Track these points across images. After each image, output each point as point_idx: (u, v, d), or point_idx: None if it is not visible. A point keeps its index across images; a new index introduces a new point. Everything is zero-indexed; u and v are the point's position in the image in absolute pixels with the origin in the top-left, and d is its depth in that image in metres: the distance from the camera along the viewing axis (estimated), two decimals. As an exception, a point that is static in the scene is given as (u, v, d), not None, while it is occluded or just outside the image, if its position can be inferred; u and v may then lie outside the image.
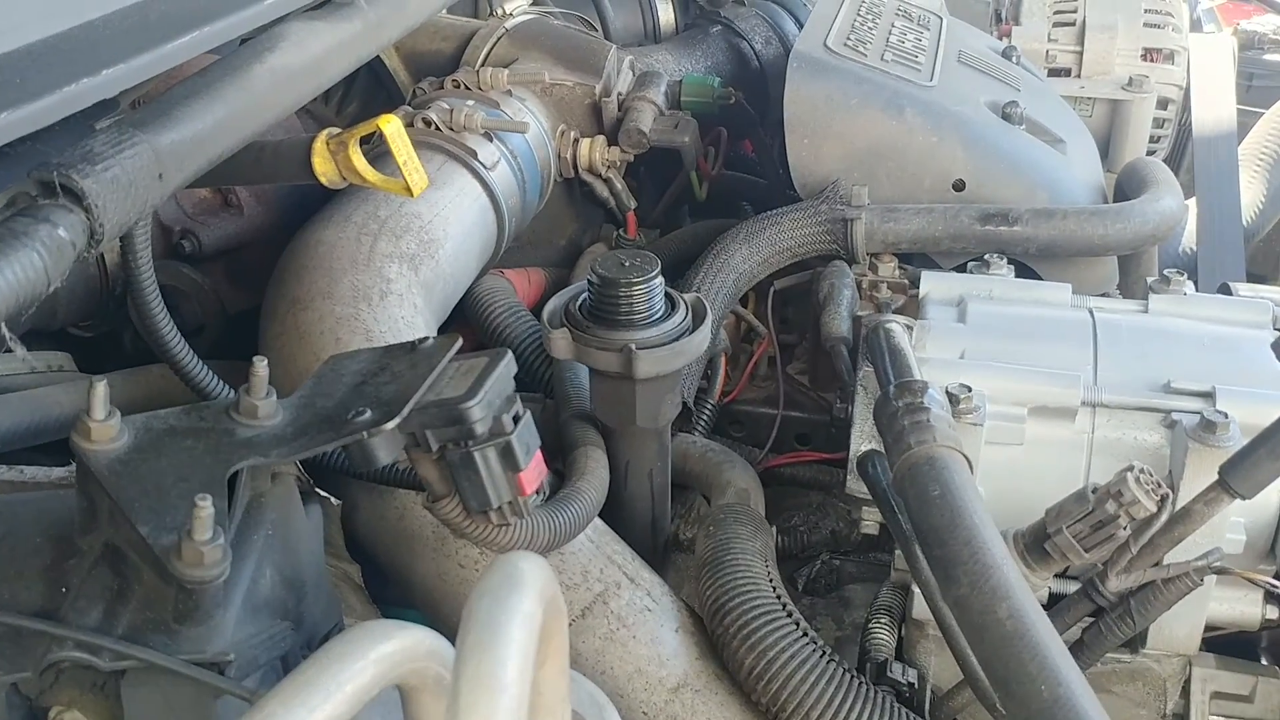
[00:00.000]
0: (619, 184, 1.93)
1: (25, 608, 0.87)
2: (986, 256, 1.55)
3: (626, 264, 1.22)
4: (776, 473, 1.68)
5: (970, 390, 1.22)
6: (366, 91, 2.05)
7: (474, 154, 1.64)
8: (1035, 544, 1.09)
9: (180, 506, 0.85)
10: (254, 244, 1.72)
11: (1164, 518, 1.07)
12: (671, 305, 1.24)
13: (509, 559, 0.73)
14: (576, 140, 1.90)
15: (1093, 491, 1.08)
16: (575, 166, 1.90)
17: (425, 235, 1.49)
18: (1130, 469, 1.07)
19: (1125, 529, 1.07)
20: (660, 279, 1.22)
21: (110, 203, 0.89)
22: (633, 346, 1.18)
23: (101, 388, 0.88)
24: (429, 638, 0.78)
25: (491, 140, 1.69)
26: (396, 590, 1.27)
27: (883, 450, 1.27)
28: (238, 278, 1.72)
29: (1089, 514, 1.07)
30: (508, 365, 1.04)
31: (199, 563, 0.80)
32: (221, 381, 1.21)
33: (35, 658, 0.83)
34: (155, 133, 0.97)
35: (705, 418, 1.64)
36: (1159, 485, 1.07)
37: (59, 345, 1.52)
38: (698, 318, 1.24)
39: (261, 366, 0.95)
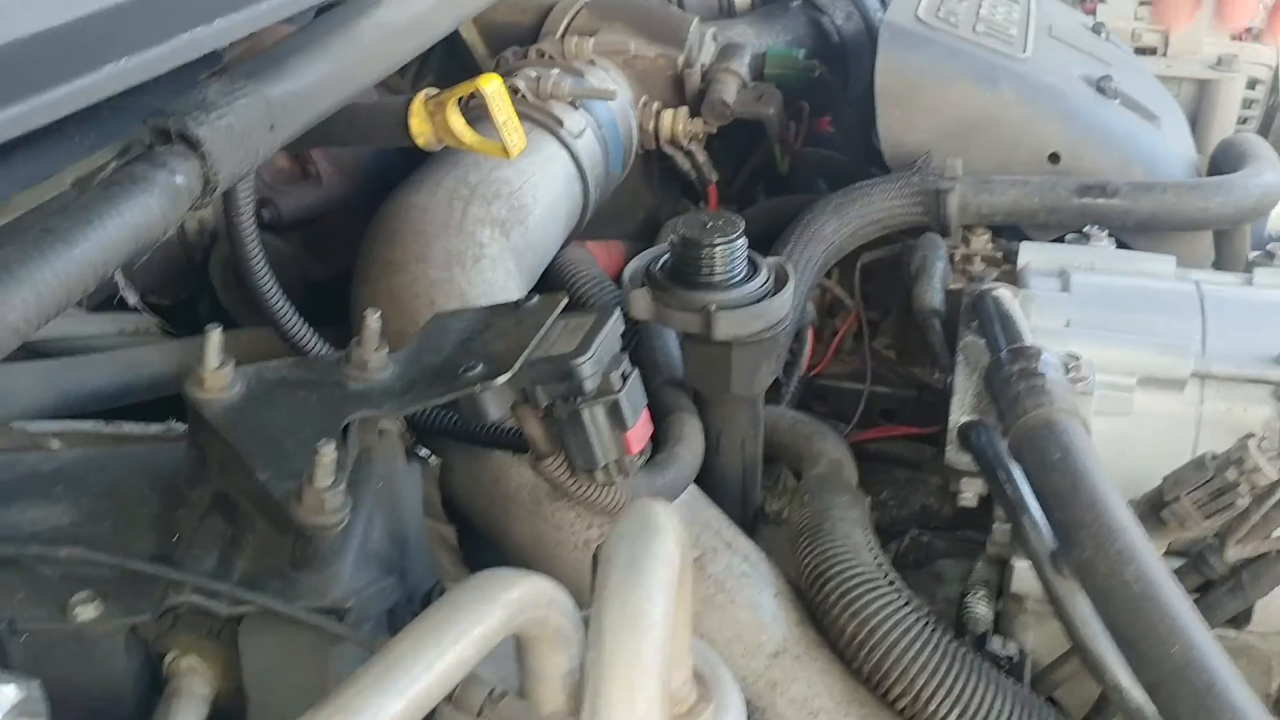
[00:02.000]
0: (701, 156, 1.91)
1: (140, 556, 0.87)
2: (1086, 229, 1.51)
3: (709, 224, 1.20)
4: (862, 448, 1.65)
5: (1078, 359, 1.20)
6: (443, 64, 2.04)
7: (560, 122, 1.63)
8: (1151, 512, 1.06)
9: (297, 454, 0.84)
10: (333, 214, 1.72)
11: (1288, 487, 1.03)
12: (754, 268, 1.22)
13: (643, 505, 0.71)
14: (659, 112, 1.88)
15: (1212, 459, 1.05)
16: (657, 138, 1.88)
17: (515, 201, 1.48)
18: (1251, 436, 1.04)
19: (1245, 497, 1.04)
20: (743, 240, 1.20)
21: (224, 151, 0.89)
22: (712, 307, 1.16)
23: (216, 335, 0.88)
24: (551, 587, 0.77)
25: (578, 109, 1.68)
26: (491, 553, 1.26)
27: (983, 422, 1.25)
28: (316, 248, 1.72)
29: (1208, 481, 1.04)
30: (616, 323, 1.03)
31: (320, 509, 0.79)
32: (319, 339, 1.20)
33: (153, 602, 0.83)
34: (267, 83, 0.96)
35: (792, 391, 1.61)
36: (1281, 454, 1.04)
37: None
38: (780, 281, 1.22)
39: (374, 319, 0.94)
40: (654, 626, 0.62)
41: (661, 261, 1.25)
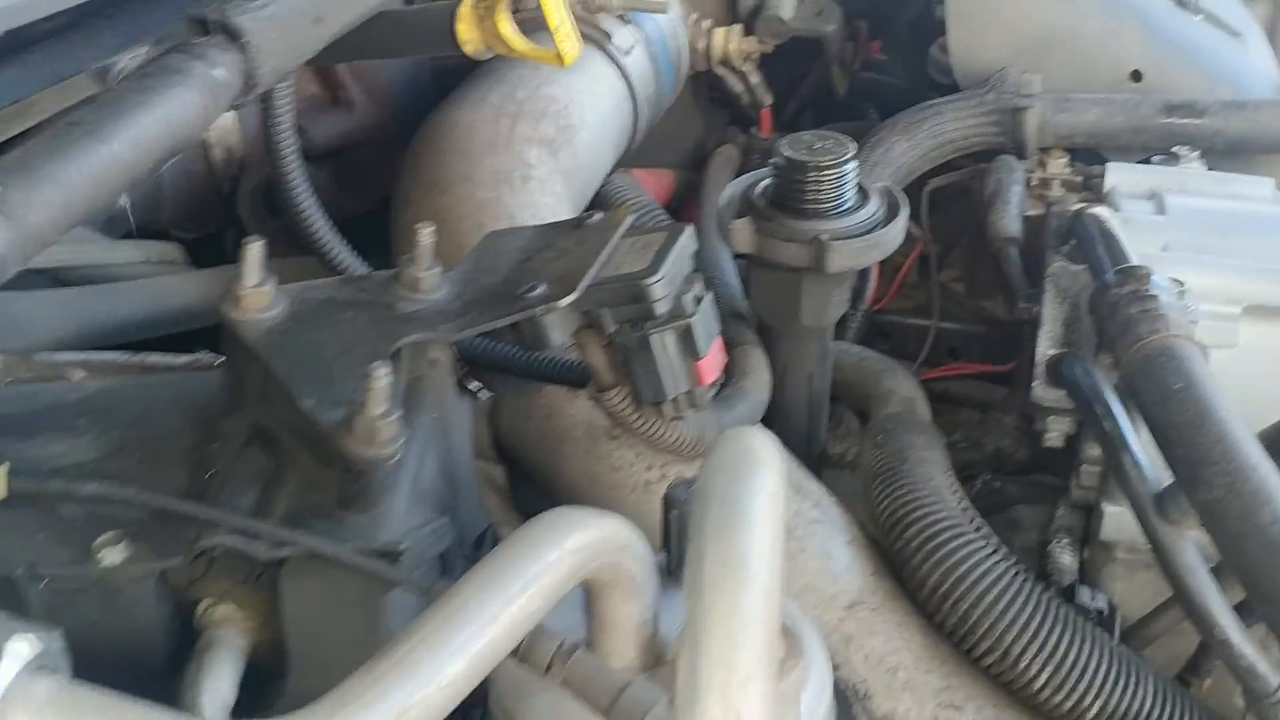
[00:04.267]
0: (755, 77, 1.81)
1: (172, 493, 0.78)
2: (1174, 149, 1.41)
3: (816, 145, 1.10)
4: (929, 387, 1.56)
5: (1181, 285, 1.10)
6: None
7: (609, 37, 1.54)
8: (1277, 448, 0.97)
9: (345, 381, 0.76)
10: (365, 144, 1.63)
11: None
12: (864, 194, 1.12)
13: (740, 433, 0.63)
14: (710, 30, 1.77)
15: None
16: (709, 58, 1.78)
17: (563, 120, 1.39)
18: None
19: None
20: (855, 163, 1.10)
21: (268, 44, 0.80)
22: (825, 237, 1.07)
23: (257, 248, 0.80)
24: (625, 529, 0.68)
25: (627, 24, 1.58)
26: (543, 493, 1.18)
27: (1076, 353, 1.16)
28: (348, 179, 1.62)
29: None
30: (688, 240, 0.94)
31: (372, 439, 0.71)
32: (364, 262, 1.12)
33: (186, 545, 0.75)
34: (312, -28, 0.87)
35: (856, 325, 1.52)
36: None
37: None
38: (891, 208, 1.12)
39: (426, 234, 0.85)
40: (759, 575, 0.53)
41: (762, 188, 1.16)
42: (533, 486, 1.20)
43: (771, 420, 1.26)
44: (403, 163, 1.33)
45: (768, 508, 0.57)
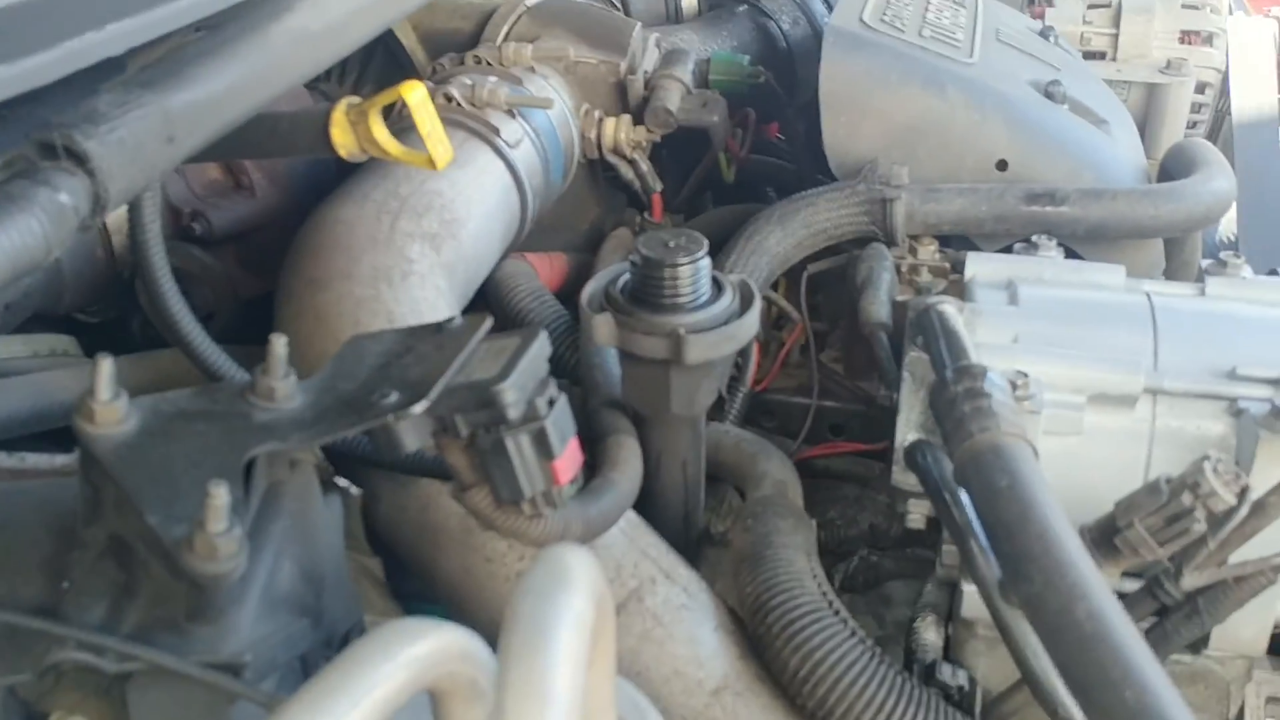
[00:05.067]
0: (645, 165, 1.86)
1: (24, 604, 0.80)
2: (1034, 238, 1.47)
3: (671, 244, 1.14)
4: (810, 464, 1.61)
5: (1026, 376, 1.15)
6: (383, 72, 1.98)
7: (497, 131, 1.58)
8: (1104, 539, 1.02)
9: (192, 495, 0.78)
10: (266, 227, 1.66)
11: (1244, 511, 0.99)
12: (719, 287, 1.17)
13: (555, 553, 0.66)
14: (601, 119, 1.83)
15: (1166, 483, 1.01)
16: (599, 147, 1.83)
17: (447, 214, 1.42)
18: (1206, 459, 1.00)
19: (1200, 523, 1.00)
20: (708, 259, 1.14)
21: (116, 166, 0.82)
22: (682, 331, 1.11)
23: (107, 365, 0.82)
24: (463, 638, 0.71)
25: (515, 117, 1.62)
26: (419, 585, 1.20)
27: (930, 440, 1.21)
28: (249, 261, 1.65)
29: (1163, 507, 1.00)
30: (541, 345, 0.97)
31: (212, 555, 0.73)
32: (234, 363, 1.14)
33: (34, 658, 0.76)
34: (165, 93, 0.90)
35: (737, 407, 1.56)
36: (1237, 476, 1.00)
37: (64, 331, 1.46)
38: (745, 300, 1.16)
39: (280, 344, 0.88)
40: (557, 699, 0.56)
41: (622, 283, 1.20)
42: (413, 576, 1.22)
43: (648, 505, 1.29)
44: (286, 258, 1.36)
45: (573, 631, 0.60)
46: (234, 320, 1.59)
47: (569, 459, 0.98)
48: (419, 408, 0.87)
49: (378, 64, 1.97)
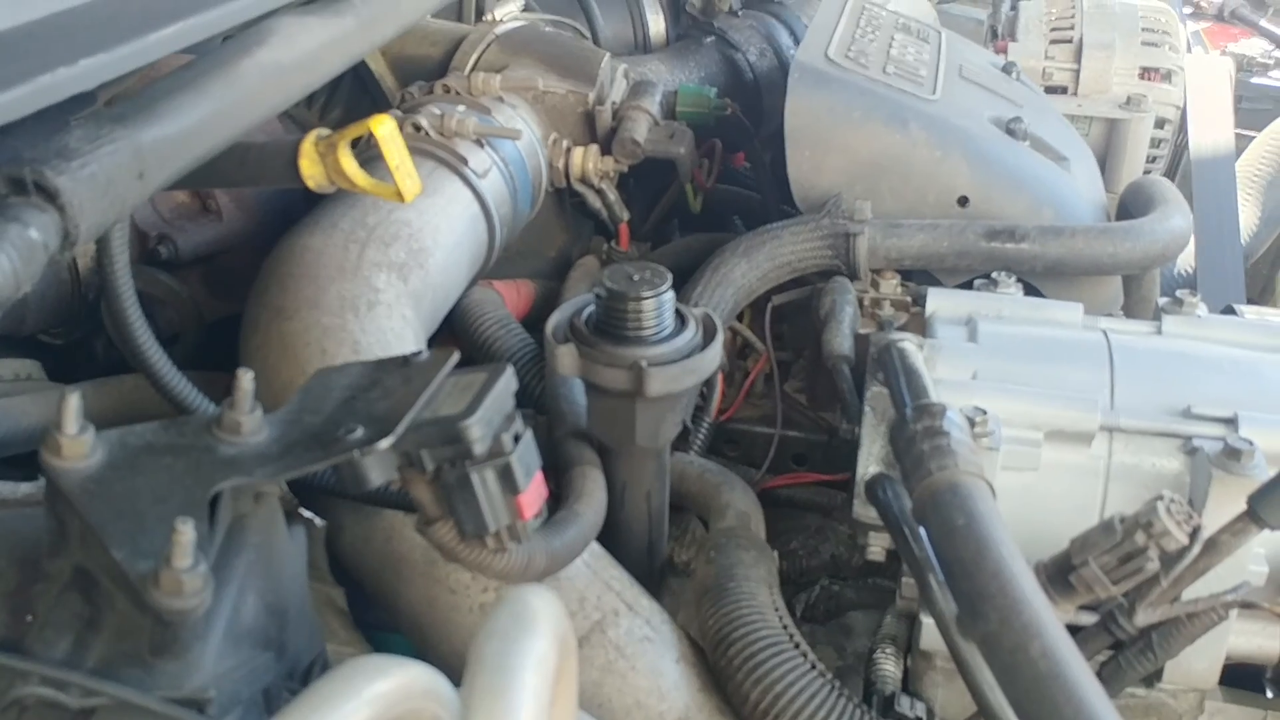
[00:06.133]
0: (612, 195, 1.87)
1: (-14, 638, 0.80)
2: (994, 274, 1.50)
3: (636, 277, 1.15)
4: (773, 494, 1.62)
5: (985, 413, 1.17)
6: (352, 97, 1.99)
7: (465, 161, 1.59)
8: (1059, 576, 1.04)
9: (158, 530, 0.78)
10: (233, 251, 1.67)
11: (1196, 550, 1.02)
12: (682, 320, 1.18)
13: (518, 594, 0.67)
14: (569, 149, 1.84)
15: (1120, 522, 1.03)
16: (567, 176, 1.85)
17: (414, 244, 1.43)
18: (1160, 498, 1.02)
19: (1154, 561, 1.02)
20: (671, 293, 1.16)
21: (87, 202, 0.83)
22: (644, 364, 1.12)
23: (74, 399, 0.82)
24: (426, 675, 0.72)
25: (483, 147, 1.63)
26: (382, 615, 1.20)
27: (890, 474, 1.23)
28: (216, 285, 1.66)
29: (1117, 545, 1.02)
30: (507, 381, 0.98)
31: (178, 591, 0.74)
32: (200, 394, 1.15)
33: (-3, 693, 0.76)
34: (136, 128, 0.91)
35: (702, 437, 1.58)
36: (1190, 516, 1.02)
37: (28, 353, 1.46)
38: (708, 334, 1.18)
39: (246, 379, 0.88)
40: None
41: (586, 314, 1.21)
42: (376, 607, 1.23)
43: (612, 536, 1.30)
44: (253, 286, 1.36)
45: (536, 675, 0.61)
46: (199, 343, 1.59)
47: (534, 493, 0.99)
48: (385, 443, 0.88)
49: (346, 89, 1.98)
